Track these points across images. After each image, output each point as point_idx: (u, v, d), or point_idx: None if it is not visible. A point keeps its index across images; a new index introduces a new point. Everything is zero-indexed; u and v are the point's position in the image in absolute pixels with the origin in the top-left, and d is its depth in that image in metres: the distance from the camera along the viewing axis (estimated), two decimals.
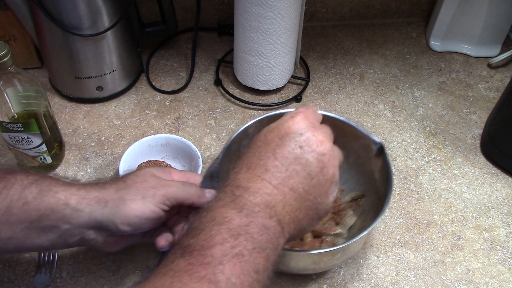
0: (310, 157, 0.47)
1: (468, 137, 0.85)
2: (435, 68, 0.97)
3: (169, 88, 0.90)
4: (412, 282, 0.67)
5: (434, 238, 0.71)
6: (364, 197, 0.70)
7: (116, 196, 0.53)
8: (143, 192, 0.53)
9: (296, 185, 0.46)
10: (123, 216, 0.52)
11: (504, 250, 0.71)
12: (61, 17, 0.75)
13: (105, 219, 0.52)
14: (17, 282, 0.64)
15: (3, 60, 0.63)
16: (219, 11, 0.99)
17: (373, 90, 0.92)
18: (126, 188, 0.53)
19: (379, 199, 0.64)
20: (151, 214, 0.53)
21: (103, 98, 0.87)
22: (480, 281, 0.67)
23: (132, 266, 0.66)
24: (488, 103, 0.90)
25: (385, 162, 0.63)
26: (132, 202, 0.52)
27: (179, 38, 1.00)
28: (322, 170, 0.47)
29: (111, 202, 0.52)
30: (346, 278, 0.67)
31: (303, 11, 0.83)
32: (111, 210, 0.52)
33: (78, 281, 0.65)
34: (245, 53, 0.84)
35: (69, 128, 0.83)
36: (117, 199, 0.52)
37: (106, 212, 0.52)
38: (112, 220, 0.52)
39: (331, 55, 0.98)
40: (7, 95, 0.67)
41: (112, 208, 0.52)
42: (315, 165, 0.47)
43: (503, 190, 0.78)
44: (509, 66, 0.98)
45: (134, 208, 0.52)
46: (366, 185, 0.70)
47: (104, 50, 0.81)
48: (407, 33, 1.04)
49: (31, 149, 0.72)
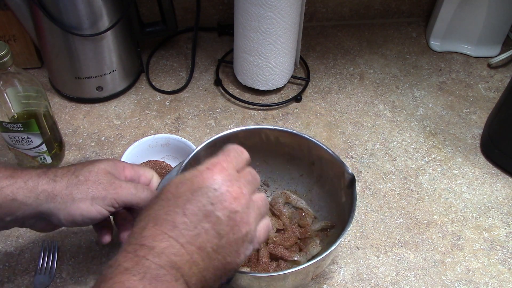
0: (221, 214, 0.43)
1: (468, 137, 0.85)
2: (435, 68, 0.97)
3: (169, 88, 0.90)
4: (412, 282, 0.67)
5: (434, 238, 0.71)
6: (333, 228, 0.68)
7: (66, 192, 0.53)
8: (93, 192, 0.53)
9: (205, 244, 0.43)
10: (68, 214, 0.52)
11: (504, 250, 0.71)
12: (61, 17, 0.75)
13: (49, 212, 0.53)
14: (17, 282, 0.64)
15: (3, 60, 0.63)
16: (219, 11, 0.99)
17: (373, 90, 0.92)
18: (78, 185, 0.53)
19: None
20: (96, 215, 0.53)
21: (103, 98, 0.87)
22: (480, 281, 0.67)
23: None
24: (488, 103, 0.90)
25: (352, 196, 0.60)
26: (80, 202, 0.52)
27: (179, 38, 1.00)
28: (233, 228, 0.44)
29: (59, 197, 0.52)
30: (346, 278, 0.67)
31: (303, 11, 0.83)
32: (58, 206, 0.52)
33: (78, 281, 0.65)
34: (245, 53, 0.84)
35: (69, 128, 0.83)
36: (66, 195, 0.52)
37: (52, 207, 0.52)
38: (57, 214, 0.53)
39: (331, 55, 0.98)
40: (7, 95, 0.67)
41: (60, 204, 0.52)
42: (226, 223, 0.43)
43: (503, 190, 0.78)
44: (509, 66, 0.98)
45: (82, 207, 0.52)
46: (337, 216, 0.67)
47: (104, 50, 0.81)
48: (407, 33, 1.04)
49: (31, 149, 0.72)
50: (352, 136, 0.84)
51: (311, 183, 0.71)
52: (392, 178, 0.78)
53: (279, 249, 0.66)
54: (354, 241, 0.71)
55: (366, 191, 0.77)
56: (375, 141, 0.84)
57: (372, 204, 0.75)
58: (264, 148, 0.69)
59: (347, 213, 0.61)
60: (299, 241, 0.68)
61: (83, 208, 0.52)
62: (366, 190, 0.77)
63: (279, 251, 0.66)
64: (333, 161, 0.64)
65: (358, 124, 0.86)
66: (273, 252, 0.66)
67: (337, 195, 0.66)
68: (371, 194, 0.76)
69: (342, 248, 0.70)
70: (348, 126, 0.86)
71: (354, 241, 0.71)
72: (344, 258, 0.69)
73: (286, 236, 0.68)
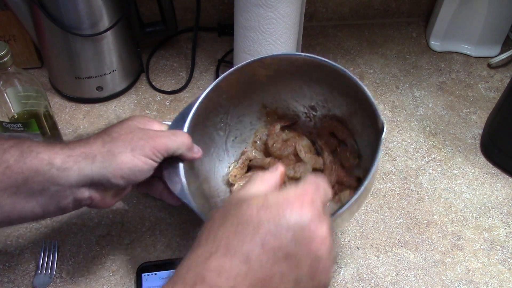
0: (305, 258, 0.37)
1: (468, 137, 0.85)
2: (435, 68, 0.97)
3: (169, 88, 0.90)
4: (412, 282, 0.67)
5: (434, 238, 0.71)
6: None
7: (104, 150, 0.50)
8: (131, 144, 0.51)
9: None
10: (115, 170, 0.49)
11: (504, 250, 0.71)
12: (61, 17, 0.75)
13: (96, 174, 0.49)
14: (17, 282, 0.64)
15: (3, 60, 0.63)
16: (219, 11, 0.99)
17: (373, 90, 0.92)
18: (113, 141, 0.51)
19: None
20: (143, 166, 0.51)
21: (103, 98, 0.87)
22: (480, 281, 0.67)
23: (132, 266, 0.66)
24: (488, 103, 0.90)
25: (378, 147, 0.54)
26: (122, 155, 0.50)
27: (179, 38, 1.00)
28: (313, 278, 0.38)
29: (99, 156, 0.49)
30: (346, 278, 0.67)
31: (303, 11, 0.83)
32: (101, 165, 0.49)
33: (78, 281, 0.65)
34: (245, 53, 0.84)
35: (69, 128, 0.83)
36: (106, 153, 0.49)
37: (96, 167, 0.49)
38: (104, 174, 0.49)
39: (331, 55, 0.98)
40: (7, 95, 0.67)
41: (102, 162, 0.49)
42: (307, 270, 0.37)
43: (503, 190, 0.78)
44: (509, 66, 0.98)
45: (126, 160, 0.50)
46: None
47: (104, 50, 0.81)
48: (407, 33, 1.04)
49: None
50: None
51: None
52: (392, 178, 0.78)
53: None
54: (354, 241, 0.71)
55: None
56: None
57: (372, 204, 0.75)
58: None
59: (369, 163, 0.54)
60: (337, 186, 0.65)
61: (127, 161, 0.50)
62: None
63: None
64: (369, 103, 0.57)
65: None
66: None
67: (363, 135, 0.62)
68: (371, 194, 0.76)
69: (342, 248, 0.70)
70: None
71: (354, 241, 0.71)
72: (344, 258, 0.69)
73: None
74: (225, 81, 0.62)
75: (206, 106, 0.62)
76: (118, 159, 0.49)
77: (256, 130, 0.72)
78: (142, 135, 0.52)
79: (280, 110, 0.70)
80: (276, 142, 0.69)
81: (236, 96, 0.66)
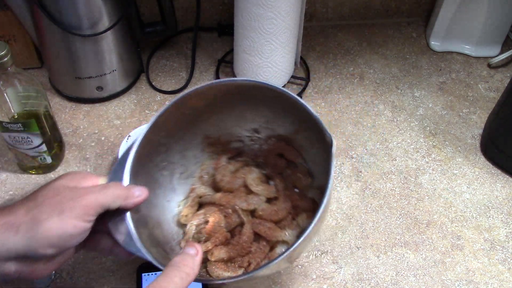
0: None
1: (468, 137, 0.85)
2: (435, 68, 0.97)
3: (169, 88, 0.90)
4: (412, 282, 0.67)
5: (434, 238, 0.71)
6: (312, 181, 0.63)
7: (27, 218, 0.45)
8: (58, 207, 0.46)
9: None
10: (41, 239, 0.45)
11: (504, 250, 0.71)
12: (61, 17, 0.75)
13: (20, 246, 0.45)
14: (17, 282, 0.64)
15: (3, 60, 0.63)
16: (219, 11, 1.00)
17: (373, 90, 0.92)
18: (38, 207, 0.46)
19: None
20: (73, 230, 0.46)
21: (103, 98, 0.87)
22: (480, 281, 0.67)
23: (132, 266, 0.66)
24: (488, 103, 0.90)
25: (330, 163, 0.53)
26: (48, 221, 0.45)
27: (179, 38, 1.00)
28: None
29: (23, 225, 0.45)
30: (346, 278, 0.67)
31: (303, 11, 0.83)
32: (26, 235, 0.45)
33: (78, 281, 0.65)
34: (245, 53, 0.84)
35: (69, 128, 0.83)
36: (30, 221, 0.45)
37: (20, 239, 0.45)
38: (30, 245, 0.45)
39: (331, 55, 0.98)
40: (7, 95, 0.67)
41: (26, 232, 0.45)
42: None
43: (503, 190, 0.78)
44: (509, 66, 0.98)
45: (52, 227, 0.45)
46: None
47: (104, 50, 0.81)
48: (407, 33, 1.04)
49: (31, 149, 0.72)
50: (352, 136, 0.84)
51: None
52: (392, 178, 0.78)
53: (264, 227, 0.61)
54: (354, 241, 0.71)
55: (366, 191, 0.77)
56: (375, 141, 0.84)
57: (372, 204, 0.75)
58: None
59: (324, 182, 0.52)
60: (293, 211, 0.63)
61: (54, 227, 0.45)
62: (366, 190, 0.77)
63: (264, 230, 0.61)
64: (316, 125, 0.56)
65: (358, 124, 0.86)
66: (256, 230, 0.61)
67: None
68: (371, 194, 0.76)
69: (342, 248, 0.70)
70: (348, 126, 0.86)
71: (354, 241, 0.71)
72: (344, 258, 0.69)
73: (277, 208, 0.62)
74: (162, 118, 0.58)
75: (145, 149, 0.57)
76: (43, 226, 0.45)
77: (202, 163, 0.68)
78: (71, 195, 0.47)
79: (223, 138, 0.67)
80: (224, 176, 0.66)
81: (176, 131, 0.63)
